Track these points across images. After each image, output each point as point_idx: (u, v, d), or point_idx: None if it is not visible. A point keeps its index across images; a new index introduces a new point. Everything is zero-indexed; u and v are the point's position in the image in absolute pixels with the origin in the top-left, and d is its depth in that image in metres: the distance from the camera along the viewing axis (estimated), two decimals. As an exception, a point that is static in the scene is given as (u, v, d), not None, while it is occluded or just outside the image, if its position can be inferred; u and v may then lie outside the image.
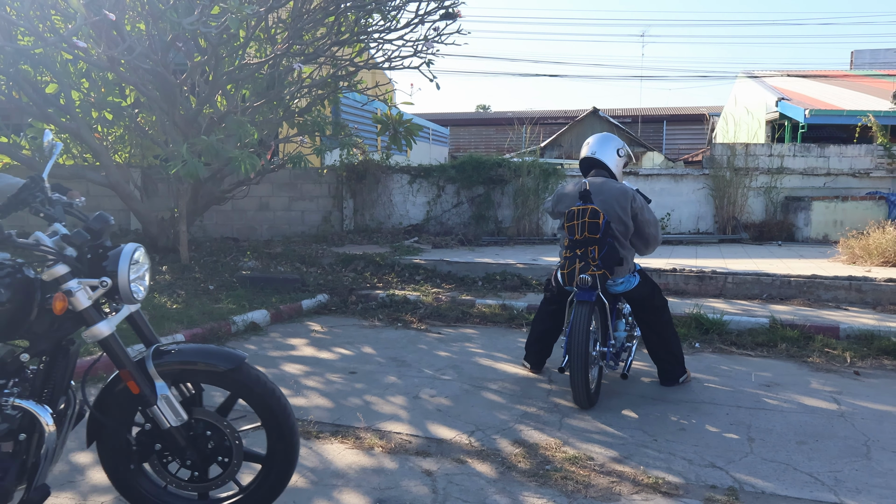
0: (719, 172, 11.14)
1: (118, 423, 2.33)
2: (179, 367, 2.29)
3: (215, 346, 2.42)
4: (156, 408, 2.23)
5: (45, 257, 2.07)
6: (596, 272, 3.77)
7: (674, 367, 4.16)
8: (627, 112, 27.60)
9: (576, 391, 3.71)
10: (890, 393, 4.12)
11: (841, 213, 10.64)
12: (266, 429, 2.36)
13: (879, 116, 11.93)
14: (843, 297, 6.55)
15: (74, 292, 2.09)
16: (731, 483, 2.86)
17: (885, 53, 21.48)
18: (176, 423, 2.26)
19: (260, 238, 10.90)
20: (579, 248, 3.85)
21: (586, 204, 3.84)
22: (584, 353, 3.60)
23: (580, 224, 3.82)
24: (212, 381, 2.34)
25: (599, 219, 3.79)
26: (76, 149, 9.81)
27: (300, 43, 7.63)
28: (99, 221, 2.23)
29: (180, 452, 2.32)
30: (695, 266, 7.45)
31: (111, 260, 2.17)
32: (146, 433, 2.33)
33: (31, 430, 2.10)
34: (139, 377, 2.22)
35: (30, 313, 2.08)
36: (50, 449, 2.11)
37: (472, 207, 11.02)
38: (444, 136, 22.31)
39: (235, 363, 2.30)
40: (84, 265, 2.15)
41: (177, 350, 2.31)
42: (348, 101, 12.39)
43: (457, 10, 7.63)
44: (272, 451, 2.38)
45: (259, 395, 2.31)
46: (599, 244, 3.80)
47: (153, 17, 6.45)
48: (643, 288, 4.13)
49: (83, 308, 2.11)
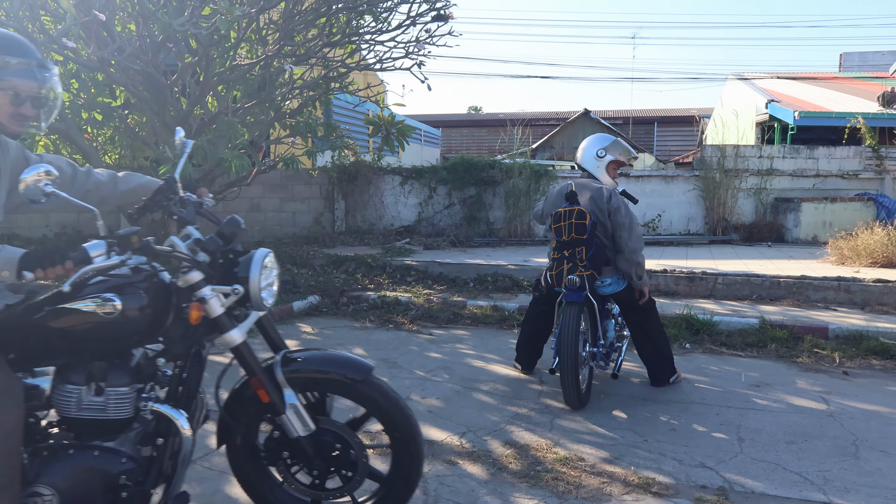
0: (710, 174, 11.20)
1: (246, 428, 2.31)
2: (308, 375, 2.24)
3: (343, 354, 2.35)
4: (284, 417, 2.19)
5: (181, 263, 2.04)
6: (584, 273, 3.78)
7: (663, 367, 4.17)
8: (619, 113, 27.71)
9: (566, 392, 3.72)
10: (878, 393, 4.15)
11: (830, 214, 10.72)
12: (392, 447, 2.28)
13: (868, 118, 12.02)
14: (832, 298, 6.59)
15: (208, 300, 2.05)
16: (721, 483, 2.87)
17: (874, 56, 21.67)
18: (303, 433, 2.21)
19: (251, 239, 10.86)
20: (567, 249, 3.86)
21: (572, 205, 3.87)
22: (574, 354, 3.62)
23: (567, 225, 3.83)
24: (339, 391, 2.27)
25: (586, 219, 3.80)
26: (66, 150, 9.75)
27: (291, 44, 7.61)
28: (231, 225, 2.16)
29: (307, 461, 2.27)
30: (685, 267, 7.49)
31: (242, 266, 2.12)
32: (274, 440, 2.30)
33: (168, 435, 2.09)
34: (269, 386, 2.17)
35: (166, 318, 2.05)
36: (187, 453, 2.10)
37: (463, 209, 11.03)
38: (435, 137, 22.32)
39: (365, 374, 2.22)
40: (216, 271, 2.11)
41: (304, 357, 2.25)
42: (340, 103, 12.37)
43: (448, 11, 7.63)
44: (395, 471, 2.30)
45: (386, 410, 2.24)
46: (587, 245, 3.82)
47: (143, 17, 6.43)
48: (632, 290, 4.12)
49: (216, 315, 2.08)
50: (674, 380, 4.21)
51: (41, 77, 2.00)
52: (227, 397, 2.32)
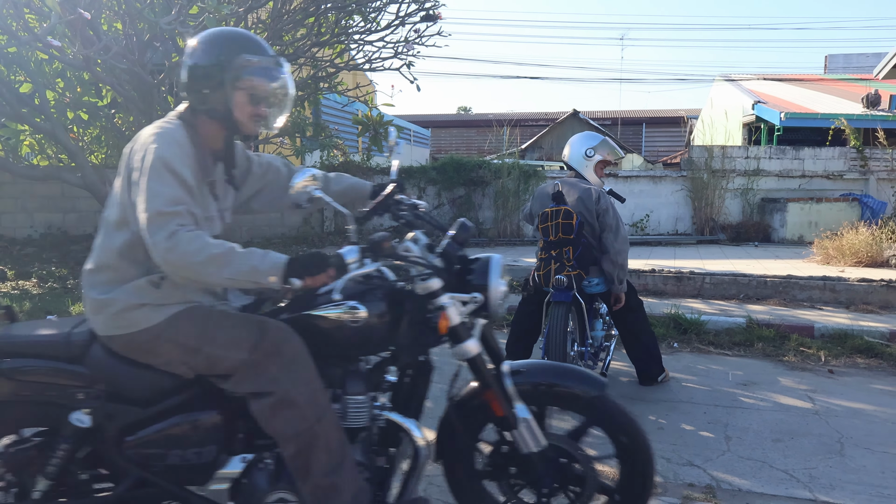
0: (697, 174, 11.28)
1: (467, 440, 2.21)
2: (536, 387, 2.12)
3: (571, 366, 2.27)
4: (516, 432, 2.07)
5: (420, 269, 1.96)
6: (571, 273, 3.77)
7: (651, 366, 4.18)
8: (607, 114, 27.84)
9: None
10: (863, 391, 4.20)
11: (815, 214, 10.83)
12: (620, 461, 2.18)
13: (852, 120, 12.16)
14: (818, 297, 6.66)
15: (447, 307, 1.97)
16: (709, 481, 2.89)
17: (858, 58, 21.91)
18: (535, 449, 2.09)
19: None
20: (554, 249, 3.85)
21: (559, 205, 3.85)
22: (562, 354, 3.61)
23: (554, 225, 3.83)
24: (569, 405, 2.17)
25: (573, 219, 3.79)
26: (51, 149, 9.65)
27: (280, 43, 7.58)
28: (463, 230, 2.07)
29: (536, 479, 2.14)
30: (673, 267, 7.53)
31: (478, 273, 2.04)
32: (502, 455, 2.18)
33: (397, 444, 2.05)
34: (501, 398, 2.06)
35: (401, 326, 2.00)
36: (422, 463, 2.03)
37: (453, 209, 11.03)
38: (425, 137, 22.32)
39: (600, 389, 2.12)
40: (452, 278, 2.02)
41: (528, 368, 2.15)
42: (329, 103, 12.33)
43: (437, 11, 7.64)
44: (624, 485, 2.19)
45: (620, 426, 2.13)
46: (574, 245, 3.81)
47: (130, 16, 6.38)
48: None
49: (454, 325, 1.98)
50: (662, 378, 4.22)
51: (278, 75, 1.95)
52: (449, 409, 2.19)
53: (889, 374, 4.61)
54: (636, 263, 7.64)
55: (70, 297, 6.21)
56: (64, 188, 10.57)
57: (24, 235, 10.48)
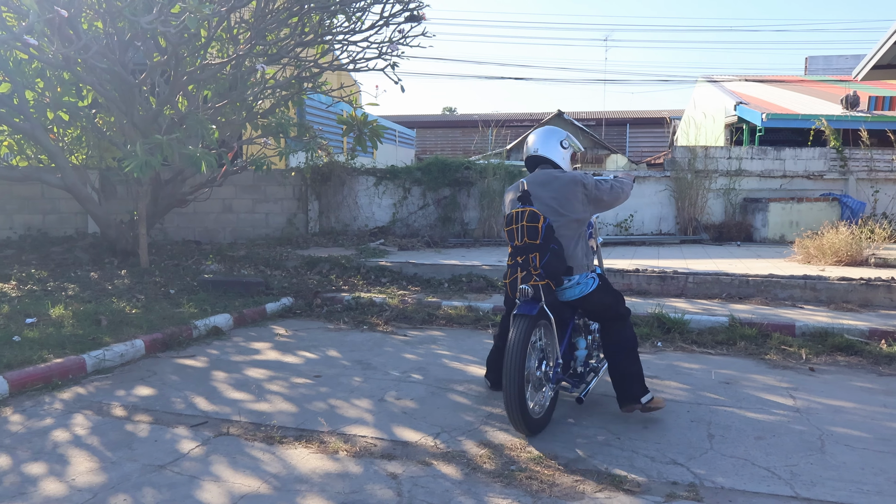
0: (680, 174, 11.37)
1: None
2: None
3: None
4: None
5: None
6: (539, 282, 3.34)
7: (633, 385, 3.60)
8: (591, 115, 27.98)
9: (510, 415, 3.25)
10: (843, 388, 4.25)
11: (796, 213, 10.96)
12: None
13: (832, 120, 12.32)
14: (799, 296, 6.74)
15: None
16: (692, 479, 2.91)
17: (838, 60, 22.20)
18: None
19: (223, 241, 10.72)
20: (520, 255, 3.44)
21: (525, 206, 3.43)
22: (518, 375, 3.17)
23: (519, 229, 3.41)
24: None
25: (538, 222, 3.37)
26: (30, 150, 9.52)
27: (263, 43, 7.54)
28: None
29: None
30: (657, 266, 7.58)
31: None
32: None
33: None
34: None
35: None
36: None
37: (438, 209, 11.03)
38: (410, 138, 22.28)
39: None
40: None
41: None
42: (313, 103, 12.28)
43: (421, 12, 7.63)
44: None
45: None
46: (540, 251, 3.37)
47: (110, 15, 6.31)
48: (603, 295, 3.67)
49: None
50: (647, 402, 3.60)
51: None
52: None
53: (868, 371, 4.67)
54: (620, 263, 7.68)
55: (50, 299, 6.12)
56: (44, 189, 10.43)
57: (2, 237, 10.32)
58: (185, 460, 3.06)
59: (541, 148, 3.80)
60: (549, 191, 3.62)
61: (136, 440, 3.30)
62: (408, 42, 7.78)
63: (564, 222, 3.58)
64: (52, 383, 4.15)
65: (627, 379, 3.61)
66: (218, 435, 3.38)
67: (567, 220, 3.59)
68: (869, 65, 11.89)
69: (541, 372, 3.41)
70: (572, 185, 3.62)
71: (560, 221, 3.57)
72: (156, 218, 8.89)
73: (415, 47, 7.88)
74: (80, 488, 2.78)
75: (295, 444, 3.26)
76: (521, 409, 3.20)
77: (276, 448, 3.22)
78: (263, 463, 3.05)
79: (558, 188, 3.61)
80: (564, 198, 3.60)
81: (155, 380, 4.33)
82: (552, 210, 3.59)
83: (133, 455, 3.12)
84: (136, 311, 5.81)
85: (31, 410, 3.73)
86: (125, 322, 5.35)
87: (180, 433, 3.40)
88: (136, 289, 6.77)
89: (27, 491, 2.76)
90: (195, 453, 3.15)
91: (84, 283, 7.01)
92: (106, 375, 4.41)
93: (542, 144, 3.81)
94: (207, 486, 2.81)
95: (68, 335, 4.90)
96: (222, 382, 4.28)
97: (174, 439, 3.32)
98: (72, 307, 5.77)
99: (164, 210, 8.88)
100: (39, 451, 3.16)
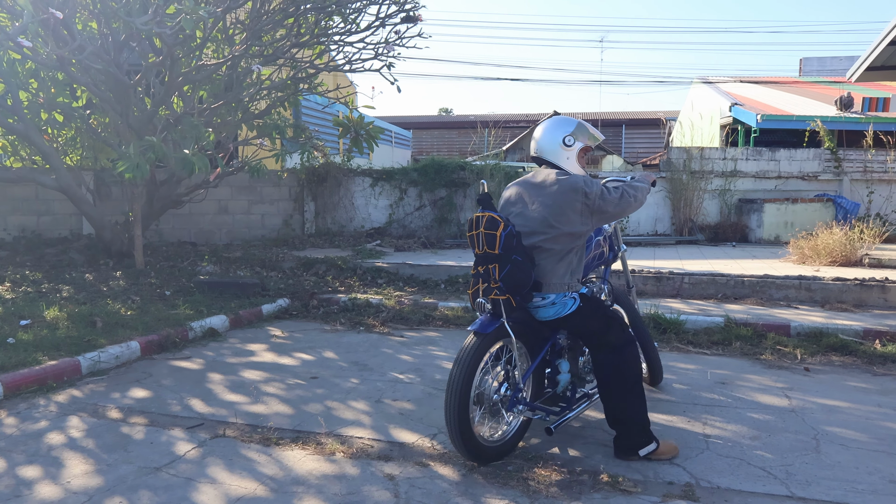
0: (676, 175, 11.40)
1: None
2: None
3: None
4: None
5: None
6: (499, 296, 2.98)
7: (630, 433, 3.10)
8: (587, 116, 28.02)
9: (453, 440, 2.95)
10: (838, 388, 4.27)
11: (791, 214, 11.00)
12: None
13: (826, 121, 12.38)
14: (794, 296, 6.76)
15: None
16: (688, 479, 2.92)
17: (832, 61, 22.31)
18: None
19: (219, 242, 10.70)
20: (481, 264, 3.04)
21: (485, 210, 3.04)
22: (458, 399, 2.85)
23: (477, 236, 3.02)
24: None
25: (497, 230, 2.95)
26: (24, 151, 9.49)
27: (259, 44, 7.53)
28: None
29: None
30: (653, 267, 7.60)
31: None
32: None
33: None
34: None
35: None
36: None
37: (434, 210, 11.03)
38: (406, 139, 22.28)
39: None
40: None
41: None
42: (309, 104, 12.27)
43: (417, 13, 7.64)
44: None
45: None
46: (500, 262, 2.95)
47: (105, 15, 6.29)
48: (586, 319, 3.16)
49: None
50: (647, 454, 3.08)
51: None
52: None
53: (863, 371, 4.69)
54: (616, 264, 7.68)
55: (45, 301, 6.10)
56: (38, 190, 10.39)
57: (-4, 239, 10.27)
58: (181, 462, 3.06)
59: (542, 148, 3.29)
60: (543, 196, 3.13)
61: (131, 442, 3.29)
62: (404, 43, 7.78)
63: (554, 235, 3.07)
64: (47, 385, 4.14)
65: (621, 424, 3.11)
66: (214, 437, 3.37)
67: (558, 232, 3.07)
68: (863, 66, 11.94)
69: (498, 395, 3.06)
70: (570, 194, 3.07)
71: (549, 233, 3.07)
72: (151, 219, 8.87)
73: (411, 48, 7.89)
74: (75, 491, 2.77)
75: (291, 446, 3.25)
76: (463, 436, 2.90)
77: (272, 450, 3.21)
78: (260, 465, 3.04)
79: (553, 194, 3.10)
80: (558, 206, 3.07)
81: (150, 382, 4.32)
82: (541, 219, 3.09)
83: (128, 457, 3.11)
84: (132, 312, 5.80)
85: (25, 413, 3.71)
86: (120, 324, 5.33)
87: (176, 435, 3.39)
88: (132, 290, 6.75)
89: (22, 494, 2.75)
90: (191, 455, 3.14)
91: (79, 285, 6.99)
92: (101, 377, 4.39)
93: (543, 143, 3.28)
94: (203, 488, 2.80)
95: (63, 337, 4.89)
96: (218, 384, 4.27)
97: (170, 441, 3.31)
98: (66, 309, 5.75)
99: (159, 211, 8.86)
100: (34, 454, 3.15)
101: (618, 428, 3.13)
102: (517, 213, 3.20)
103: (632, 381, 3.12)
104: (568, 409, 3.35)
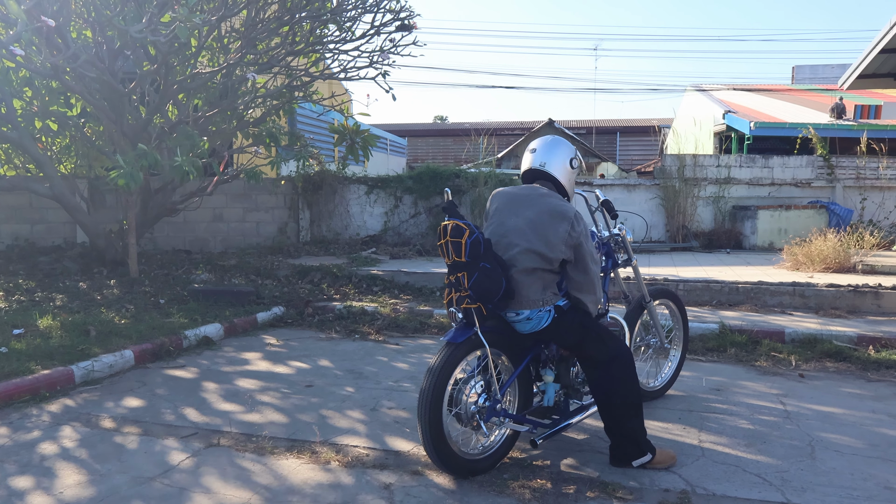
0: (670, 182, 11.44)
1: None
2: None
3: None
4: None
5: None
6: (470, 304, 2.93)
7: (623, 444, 3.08)
8: (582, 123, 28.14)
9: (427, 452, 2.94)
10: (832, 394, 4.28)
11: (785, 221, 11.04)
12: None
13: (819, 129, 12.46)
14: (788, 303, 6.78)
15: None
16: (684, 486, 2.92)
17: (824, 69, 22.50)
18: None
19: (213, 250, 10.67)
20: (451, 273, 3.00)
21: (451, 218, 2.99)
22: (431, 408, 2.83)
23: (445, 244, 2.97)
24: None
25: (462, 237, 2.89)
26: (18, 159, 9.46)
27: (254, 52, 7.54)
28: None
29: None
30: (647, 274, 7.61)
31: None
32: None
33: None
34: None
35: None
36: None
37: (429, 218, 11.03)
38: (401, 146, 22.31)
39: None
40: None
41: None
42: (304, 112, 12.29)
43: (412, 21, 7.67)
44: None
45: None
46: (468, 269, 2.91)
47: (100, 24, 6.30)
48: (563, 332, 3.11)
49: None
50: (641, 465, 3.07)
51: None
52: None
53: (857, 377, 4.70)
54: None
55: (38, 310, 6.07)
56: (32, 199, 10.35)
57: (-10, 247, 10.22)
58: (175, 472, 3.04)
59: (548, 162, 3.20)
60: (530, 210, 3.09)
61: (125, 452, 3.27)
62: (399, 51, 7.81)
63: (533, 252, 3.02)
64: (40, 395, 4.11)
65: (613, 435, 3.10)
66: (208, 446, 3.35)
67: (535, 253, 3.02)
68: (854, 74, 12.05)
69: (476, 407, 2.98)
70: (560, 220, 3.03)
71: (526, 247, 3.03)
72: (145, 227, 8.84)
73: (406, 56, 7.93)
74: (68, 502, 2.75)
75: (286, 455, 3.24)
76: (435, 448, 2.87)
77: (267, 459, 3.19)
78: (254, 474, 3.02)
79: (542, 212, 3.06)
80: (542, 226, 3.04)
81: (144, 391, 4.29)
82: (520, 232, 3.05)
83: (122, 467, 3.09)
84: (126, 321, 5.77)
85: (17, 423, 3.69)
86: (114, 332, 5.31)
87: (170, 445, 3.37)
88: (126, 299, 6.72)
89: (14, 504, 2.72)
90: (185, 465, 3.12)
91: (72, 294, 6.95)
92: (94, 387, 4.37)
93: (550, 158, 3.21)
94: (198, 498, 2.78)
95: (56, 346, 4.86)
96: (213, 393, 4.25)
97: (164, 451, 3.29)
98: (60, 317, 5.72)
99: (153, 219, 8.83)
100: (26, 465, 3.12)
101: (611, 438, 3.12)
102: (499, 223, 3.17)
103: (619, 397, 3.06)
104: (560, 421, 3.28)
